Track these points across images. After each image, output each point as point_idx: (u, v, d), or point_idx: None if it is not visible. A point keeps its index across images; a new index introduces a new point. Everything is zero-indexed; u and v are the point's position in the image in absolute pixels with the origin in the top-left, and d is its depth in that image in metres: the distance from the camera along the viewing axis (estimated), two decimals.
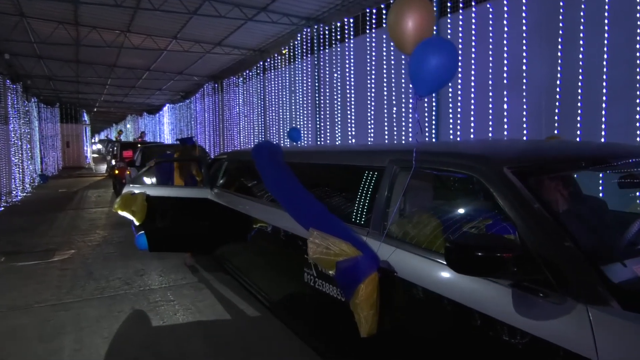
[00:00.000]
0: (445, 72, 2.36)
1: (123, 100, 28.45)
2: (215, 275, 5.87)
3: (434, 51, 2.32)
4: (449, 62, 2.32)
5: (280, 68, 12.11)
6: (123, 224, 9.85)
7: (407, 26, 2.54)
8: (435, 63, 2.30)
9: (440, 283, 1.98)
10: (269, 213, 3.90)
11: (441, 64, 2.30)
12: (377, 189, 2.67)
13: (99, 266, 6.42)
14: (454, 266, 1.71)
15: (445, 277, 1.96)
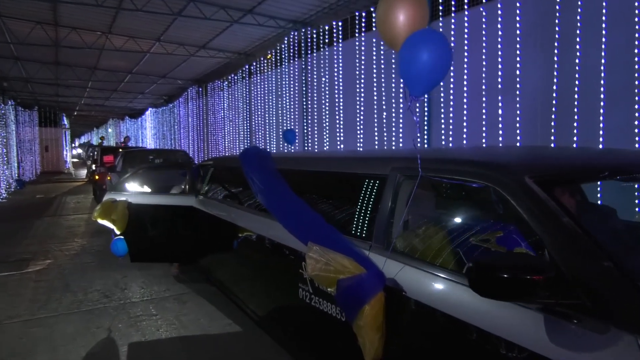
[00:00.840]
0: (439, 67, 2.17)
1: (104, 104, 27.86)
2: (199, 287, 5.60)
3: (423, 45, 2.12)
4: (441, 56, 2.12)
5: (267, 72, 11.89)
6: (103, 231, 9.48)
7: (398, 20, 2.32)
8: (426, 58, 2.10)
9: (458, 306, 1.78)
10: (258, 223, 3.68)
11: (433, 59, 2.10)
12: (379, 198, 2.47)
13: (77, 277, 6.09)
14: (477, 289, 1.51)
15: (464, 299, 1.76)
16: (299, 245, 2.87)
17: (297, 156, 4.28)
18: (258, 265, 3.77)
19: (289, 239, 3.03)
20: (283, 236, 3.15)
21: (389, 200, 2.39)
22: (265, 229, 3.54)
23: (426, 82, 2.14)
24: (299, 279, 2.88)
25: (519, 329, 1.55)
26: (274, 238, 3.33)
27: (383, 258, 2.22)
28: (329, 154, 4.09)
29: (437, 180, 2.22)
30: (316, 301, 2.70)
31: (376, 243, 2.35)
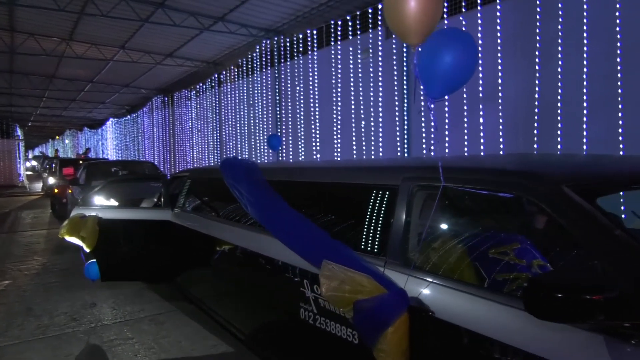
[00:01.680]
0: (465, 69, 2.04)
1: (62, 114, 26.75)
2: (176, 306, 5.27)
3: (450, 44, 1.99)
4: (468, 57, 2.00)
5: (237, 81, 11.64)
6: (65, 248, 8.93)
7: (410, 5, 2.05)
8: (451, 58, 1.97)
9: (500, 327, 1.63)
10: (246, 238, 3.45)
11: (459, 59, 1.97)
12: (390, 210, 2.31)
13: (40, 299, 5.63)
14: (535, 310, 1.37)
15: (508, 321, 1.62)
16: (299, 262, 2.67)
17: (290, 167, 4.08)
18: (247, 283, 3.53)
19: (287, 256, 2.84)
20: (279, 252, 2.95)
21: (402, 213, 2.24)
22: (255, 244, 3.32)
23: (449, 85, 2.01)
24: (300, 298, 2.68)
25: (580, 354, 1.41)
26: (267, 254, 3.12)
27: (403, 275, 2.06)
28: (328, 164, 3.91)
29: (460, 191, 2.09)
30: (322, 322, 2.50)
31: (391, 259, 2.19)
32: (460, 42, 1.99)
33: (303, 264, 2.64)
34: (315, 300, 2.55)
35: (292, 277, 2.78)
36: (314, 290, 2.56)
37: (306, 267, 2.62)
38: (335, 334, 2.39)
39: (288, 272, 2.84)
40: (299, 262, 2.68)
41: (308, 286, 2.62)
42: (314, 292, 2.57)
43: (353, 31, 7.71)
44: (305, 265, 2.62)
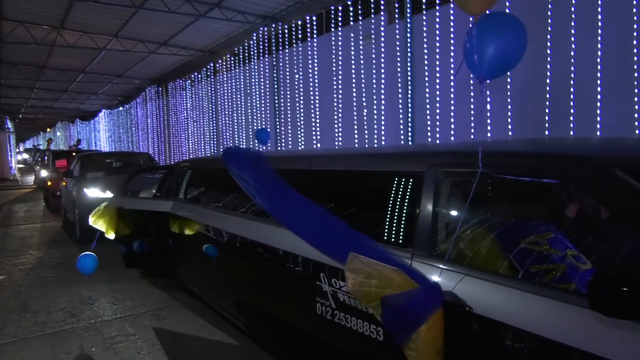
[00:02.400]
0: (518, 53, 1.92)
1: (53, 106, 26.30)
2: (178, 299, 5.13)
3: (505, 25, 1.86)
4: (522, 41, 1.88)
5: (234, 69, 11.40)
6: (60, 241, 8.74)
7: None
8: (506, 39, 1.84)
9: (556, 325, 1.48)
10: (256, 230, 3.29)
11: (512, 42, 1.84)
12: (415, 199, 2.16)
13: (36, 295, 5.45)
14: (601, 307, 1.23)
15: (561, 316, 1.47)
16: (315, 255, 2.52)
17: (301, 155, 3.91)
18: (255, 277, 3.38)
19: (299, 248, 2.68)
20: (290, 244, 2.80)
21: (429, 202, 2.09)
22: (263, 236, 3.16)
23: (500, 65, 1.90)
24: (317, 292, 2.53)
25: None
26: (276, 246, 2.97)
27: (433, 268, 1.91)
28: (343, 151, 3.73)
29: (491, 178, 1.93)
30: (342, 318, 2.35)
31: (419, 250, 2.04)
32: (516, 24, 1.88)
33: (319, 257, 2.49)
34: (334, 294, 2.40)
35: (307, 271, 2.63)
36: (333, 284, 2.41)
37: (322, 259, 2.47)
38: (357, 330, 2.25)
39: (302, 265, 2.69)
40: (314, 254, 2.54)
41: (325, 280, 2.47)
42: (332, 286, 2.42)
43: (354, 16, 7.51)
44: (322, 258, 2.48)
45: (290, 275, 2.83)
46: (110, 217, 5.16)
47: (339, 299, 2.37)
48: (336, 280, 2.38)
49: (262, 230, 3.17)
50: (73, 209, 8.74)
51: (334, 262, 2.36)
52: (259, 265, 3.26)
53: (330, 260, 2.40)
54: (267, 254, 3.09)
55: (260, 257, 3.19)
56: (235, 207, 3.83)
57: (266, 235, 3.10)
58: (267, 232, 3.09)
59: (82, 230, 8.38)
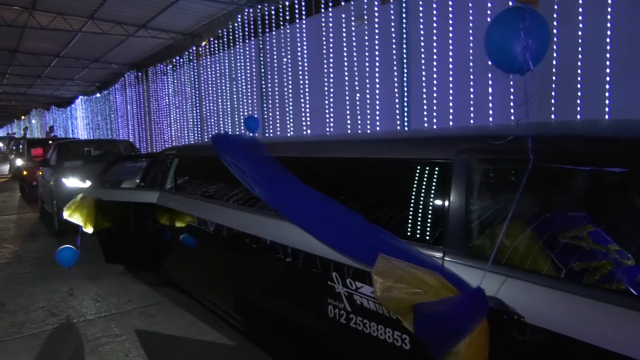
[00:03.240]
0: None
1: (27, 92, 25.31)
2: (166, 295, 4.84)
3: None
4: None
5: (218, 53, 10.97)
6: (37, 234, 8.32)
7: None
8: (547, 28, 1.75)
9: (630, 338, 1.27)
10: (255, 223, 3.01)
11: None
12: (444, 190, 1.92)
13: (12, 293, 5.10)
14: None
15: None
16: (324, 252, 2.28)
17: (303, 140, 3.63)
18: (255, 273, 3.12)
19: (306, 243, 2.43)
20: (294, 239, 2.54)
21: (461, 193, 1.85)
22: (263, 229, 2.90)
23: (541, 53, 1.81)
24: (328, 293, 2.28)
25: None
26: (278, 240, 2.70)
27: (471, 269, 1.68)
28: (353, 136, 3.46)
29: (547, 166, 1.69)
30: (359, 323, 2.11)
31: (451, 248, 1.80)
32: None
33: (330, 254, 2.25)
34: (350, 296, 2.16)
35: (315, 269, 2.38)
36: (348, 285, 2.17)
37: (335, 258, 2.22)
38: (378, 337, 2.01)
39: (309, 263, 2.44)
40: (324, 251, 2.29)
41: (339, 280, 2.23)
42: (347, 287, 2.18)
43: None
44: (334, 256, 2.23)
45: (295, 273, 2.58)
46: (88, 210, 4.81)
47: (356, 301, 2.12)
48: (352, 281, 2.14)
49: (261, 223, 2.90)
50: (51, 199, 8.31)
51: (350, 261, 2.12)
52: (257, 261, 3.00)
53: (345, 259, 2.16)
54: (266, 250, 2.83)
55: (259, 252, 2.93)
56: (228, 198, 3.55)
57: (265, 228, 2.84)
58: (266, 225, 2.82)
59: (60, 222, 7.97)
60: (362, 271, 2.06)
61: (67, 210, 4.97)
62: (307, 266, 2.46)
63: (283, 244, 2.64)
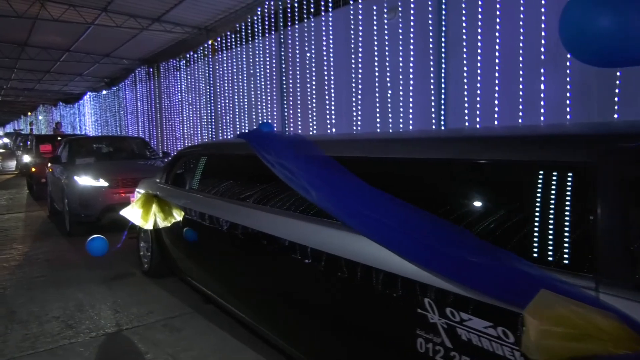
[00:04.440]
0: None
1: (35, 88, 25.02)
2: (190, 304, 4.45)
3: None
4: None
5: (235, 48, 10.58)
6: (47, 233, 7.96)
7: None
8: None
9: None
10: (317, 234, 2.58)
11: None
12: (585, 202, 1.51)
13: (24, 299, 4.72)
14: None
15: None
16: (412, 272, 1.88)
17: (365, 138, 3.19)
18: (315, 295, 2.69)
19: (381, 260, 2.03)
20: (366, 255, 2.14)
21: (615, 206, 1.44)
22: (324, 242, 2.48)
23: None
24: (418, 322, 1.87)
25: None
26: (345, 256, 2.29)
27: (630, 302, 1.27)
28: (435, 133, 3.01)
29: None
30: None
31: (611, 278, 1.39)
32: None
33: (421, 276, 1.84)
34: (451, 330, 1.75)
35: (398, 293, 1.98)
36: (448, 316, 1.76)
37: (429, 281, 1.82)
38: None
39: (388, 285, 2.03)
40: (412, 272, 1.89)
41: (433, 308, 1.82)
42: (446, 318, 1.77)
43: None
44: (427, 279, 1.82)
45: (368, 296, 2.17)
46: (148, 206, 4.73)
47: (461, 336, 1.71)
48: (455, 310, 1.73)
49: (323, 234, 2.48)
50: (62, 198, 7.94)
51: (452, 287, 1.71)
52: (318, 281, 2.57)
53: (440, 282, 1.76)
54: (330, 267, 2.40)
55: (320, 270, 2.51)
56: (271, 204, 3.14)
57: (326, 240, 2.43)
58: (330, 237, 2.41)
59: (72, 222, 7.60)
60: (468, 299, 1.66)
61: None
62: (384, 288, 2.05)
63: (351, 260, 2.23)
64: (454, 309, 1.74)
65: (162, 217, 4.60)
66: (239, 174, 3.95)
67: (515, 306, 1.52)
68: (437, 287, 1.80)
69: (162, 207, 4.65)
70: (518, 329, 1.47)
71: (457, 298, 1.73)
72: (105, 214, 7.42)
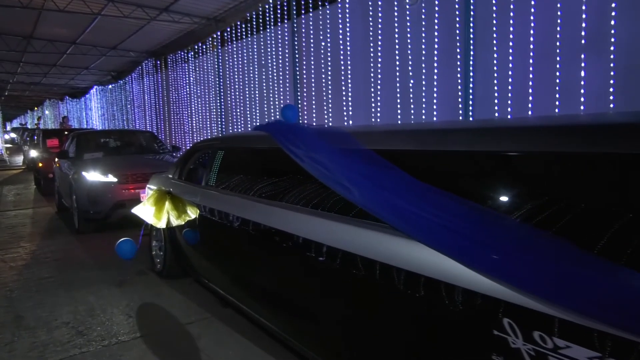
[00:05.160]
0: None
1: (41, 82, 24.81)
2: (207, 308, 4.18)
3: None
4: None
5: (245, 38, 10.25)
6: (56, 231, 7.72)
7: None
8: None
9: None
10: (357, 237, 2.28)
11: None
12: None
13: (32, 303, 4.47)
14: None
15: None
16: (485, 286, 1.58)
17: (414, 129, 2.85)
18: (350, 303, 2.39)
19: (443, 270, 1.74)
20: (418, 262, 1.85)
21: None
22: (368, 248, 2.18)
23: None
24: (494, 345, 1.58)
25: None
26: (397, 264, 1.99)
27: None
28: (506, 122, 2.63)
29: None
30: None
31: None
32: None
33: (496, 290, 1.55)
34: (541, 358, 1.45)
35: (465, 308, 1.68)
36: (537, 342, 1.46)
37: (510, 298, 1.52)
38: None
39: (449, 299, 1.73)
40: (484, 286, 1.60)
41: (516, 331, 1.52)
42: (533, 343, 1.47)
43: None
44: (506, 295, 1.53)
45: (428, 312, 1.87)
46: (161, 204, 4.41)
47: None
48: (547, 335, 1.43)
49: (369, 239, 2.17)
50: (70, 194, 7.69)
51: (545, 307, 1.42)
52: (363, 290, 2.26)
53: (532, 302, 1.46)
54: (374, 274, 2.11)
55: (366, 276, 2.20)
56: (301, 202, 2.84)
57: (376, 247, 2.12)
58: (377, 243, 2.11)
59: (80, 219, 7.36)
60: (565, 322, 1.37)
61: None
62: (450, 305, 1.75)
63: (407, 271, 1.93)
64: (545, 334, 1.44)
65: (175, 215, 4.33)
66: (263, 169, 3.65)
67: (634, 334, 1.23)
68: (522, 306, 1.49)
69: (175, 205, 4.38)
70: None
71: (548, 320, 1.43)
72: (114, 211, 7.17)
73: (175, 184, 4.67)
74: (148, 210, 4.54)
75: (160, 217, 4.43)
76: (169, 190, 4.60)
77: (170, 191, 4.58)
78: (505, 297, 1.55)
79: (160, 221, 4.42)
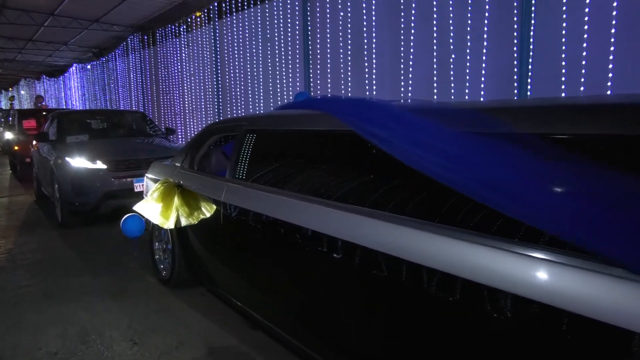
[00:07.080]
0: None
1: (16, 59, 23.20)
2: (231, 330, 3.35)
3: None
4: None
5: (248, 9, 9.23)
6: (35, 223, 6.76)
7: None
8: None
9: None
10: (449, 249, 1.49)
11: None
12: None
13: (8, 323, 3.57)
14: None
15: None
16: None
17: (512, 106, 2.06)
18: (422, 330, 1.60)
19: None
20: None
21: None
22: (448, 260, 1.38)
23: None
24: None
25: None
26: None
27: None
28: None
29: None
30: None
31: None
32: None
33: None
34: None
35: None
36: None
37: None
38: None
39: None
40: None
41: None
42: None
43: None
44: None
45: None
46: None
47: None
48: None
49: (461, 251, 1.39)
50: (51, 182, 6.71)
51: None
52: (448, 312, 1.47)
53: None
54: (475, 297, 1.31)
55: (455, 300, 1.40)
56: (389, 205, 2.01)
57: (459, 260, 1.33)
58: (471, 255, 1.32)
59: (64, 211, 6.40)
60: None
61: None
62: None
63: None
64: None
65: (187, 213, 3.47)
66: (311, 159, 2.80)
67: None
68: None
69: (187, 201, 3.51)
70: None
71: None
72: (103, 202, 6.25)
73: (187, 174, 3.79)
74: (153, 207, 3.67)
75: (169, 216, 3.57)
76: (179, 182, 3.73)
77: (180, 183, 3.71)
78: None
79: (168, 221, 3.57)
